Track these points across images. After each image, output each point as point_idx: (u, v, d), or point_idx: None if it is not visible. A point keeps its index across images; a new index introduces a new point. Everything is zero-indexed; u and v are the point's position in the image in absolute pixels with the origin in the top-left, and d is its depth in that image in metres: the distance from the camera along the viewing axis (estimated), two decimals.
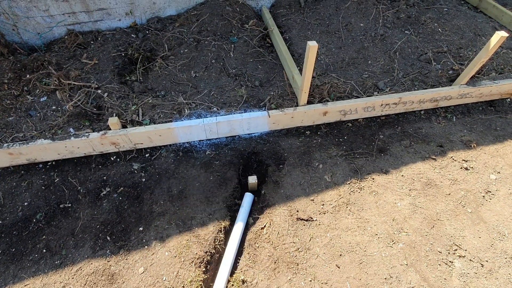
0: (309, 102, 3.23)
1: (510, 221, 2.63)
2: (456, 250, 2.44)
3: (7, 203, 2.80)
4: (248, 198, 2.78)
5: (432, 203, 2.74)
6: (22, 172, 3.00)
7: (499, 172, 2.95)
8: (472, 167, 3.00)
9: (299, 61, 3.74)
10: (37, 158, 2.97)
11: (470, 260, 2.39)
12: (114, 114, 3.11)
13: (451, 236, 2.53)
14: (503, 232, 2.55)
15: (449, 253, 2.43)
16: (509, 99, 3.67)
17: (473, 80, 3.45)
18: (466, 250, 2.45)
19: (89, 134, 2.90)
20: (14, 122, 3.10)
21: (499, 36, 2.79)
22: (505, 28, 4.25)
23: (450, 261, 2.39)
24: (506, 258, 2.41)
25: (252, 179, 2.86)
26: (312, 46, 2.53)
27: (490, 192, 2.81)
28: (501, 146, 3.18)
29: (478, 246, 2.47)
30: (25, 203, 2.79)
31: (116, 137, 2.92)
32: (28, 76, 3.44)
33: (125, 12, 4.05)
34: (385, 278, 2.30)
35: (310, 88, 3.15)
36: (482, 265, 2.37)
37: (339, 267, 2.37)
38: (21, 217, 2.71)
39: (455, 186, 2.86)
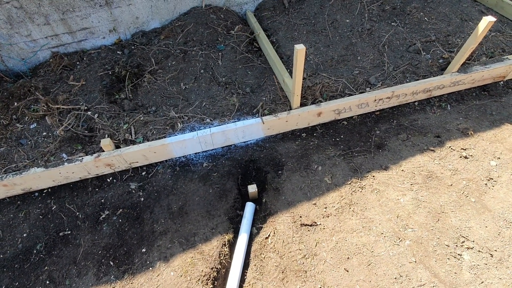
0: (302, 104, 3.19)
1: None
2: (464, 242, 2.41)
3: (6, 236, 2.75)
4: (249, 208, 2.74)
5: (435, 195, 2.71)
6: (19, 202, 2.95)
7: (499, 158, 2.93)
8: (472, 155, 2.97)
9: (288, 64, 3.70)
10: (32, 187, 2.92)
11: (479, 251, 2.36)
12: (106, 135, 3.06)
13: (457, 228, 2.50)
14: (509, 219, 2.52)
15: (456, 246, 2.40)
16: (502, 82, 3.66)
17: (464, 67, 3.42)
18: (473, 241, 2.42)
19: (82, 158, 2.85)
20: (5, 152, 3.05)
21: (486, 21, 2.76)
22: (491, 10, 4.23)
23: (458, 254, 2.36)
24: None
25: (252, 188, 2.82)
26: (300, 50, 2.50)
27: (492, 179, 2.78)
28: (498, 130, 3.16)
29: (486, 236, 2.44)
30: (24, 234, 2.74)
31: (110, 159, 2.88)
32: (16, 104, 3.39)
33: (108, 30, 4.00)
34: (395, 278, 2.27)
35: (301, 90, 3.12)
36: (492, 255, 2.34)
37: (347, 271, 2.34)
38: (21, 249, 2.66)
39: (456, 176, 2.83)
